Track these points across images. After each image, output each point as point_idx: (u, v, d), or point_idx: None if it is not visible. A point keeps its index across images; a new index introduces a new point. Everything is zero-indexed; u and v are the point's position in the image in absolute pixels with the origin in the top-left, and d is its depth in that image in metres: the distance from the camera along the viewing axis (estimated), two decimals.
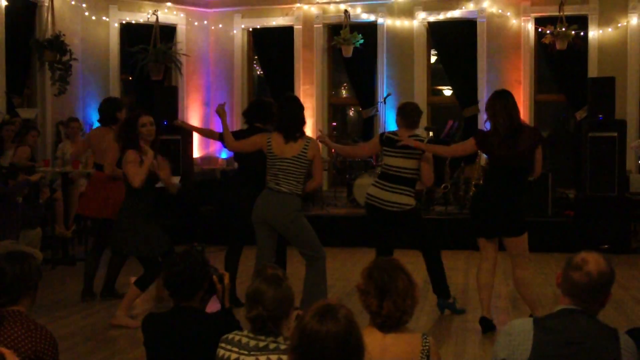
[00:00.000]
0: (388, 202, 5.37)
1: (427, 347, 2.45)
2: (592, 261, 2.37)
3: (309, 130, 10.36)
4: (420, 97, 10.55)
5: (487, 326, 4.94)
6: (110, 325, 5.17)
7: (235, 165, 6.61)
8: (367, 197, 5.54)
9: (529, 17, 10.25)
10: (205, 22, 11.34)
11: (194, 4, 11.25)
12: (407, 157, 5.36)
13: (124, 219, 5.21)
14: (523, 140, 4.82)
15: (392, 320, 2.43)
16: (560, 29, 9.75)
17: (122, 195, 5.39)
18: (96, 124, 9.78)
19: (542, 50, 10.16)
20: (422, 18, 10.59)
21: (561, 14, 9.84)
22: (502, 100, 4.89)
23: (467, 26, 10.51)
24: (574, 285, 2.37)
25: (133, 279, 5.39)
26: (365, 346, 1.98)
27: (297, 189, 5.06)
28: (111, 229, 5.47)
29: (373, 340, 2.40)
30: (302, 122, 5.18)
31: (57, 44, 9.45)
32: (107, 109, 6.26)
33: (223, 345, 2.56)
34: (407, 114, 5.47)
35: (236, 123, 11.33)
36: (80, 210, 6.62)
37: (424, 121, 10.37)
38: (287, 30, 11.09)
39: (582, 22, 9.97)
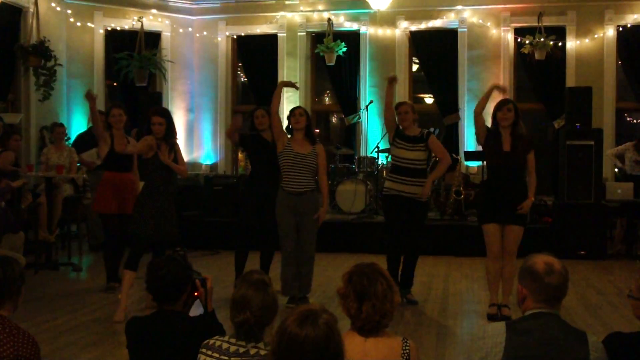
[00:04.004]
0: (407, 193, 5.81)
1: (407, 351, 2.46)
2: (553, 262, 2.53)
3: None
4: None
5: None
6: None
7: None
8: (385, 190, 5.95)
9: (509, 28, 10.42)
10: (190, 29, 11.39)
11: (179, 11, 11.30)
12: (417, 149, 5.81)
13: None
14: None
15: (371, 324, 2.44)
16: (539, 39, 9.94)
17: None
18: (81, 129, 9.84)
19: (521, 59, 10.32)
20: (404, 27, 10.73)
21: (540, 24, 10.04)
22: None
23: (448, 36, 10.67)
24: (550, 288, 2.47)
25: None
26: (345, 353, 1.98)
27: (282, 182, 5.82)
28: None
29: (354, 344, 2.41)
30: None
31: (42, 50, 9.47)
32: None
33: (204, 350, 2.54)
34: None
35: (219, 128, 11.40)
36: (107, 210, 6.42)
37: None
38: (271, 38, 11.19)
39: (560, 33, 10.16)
